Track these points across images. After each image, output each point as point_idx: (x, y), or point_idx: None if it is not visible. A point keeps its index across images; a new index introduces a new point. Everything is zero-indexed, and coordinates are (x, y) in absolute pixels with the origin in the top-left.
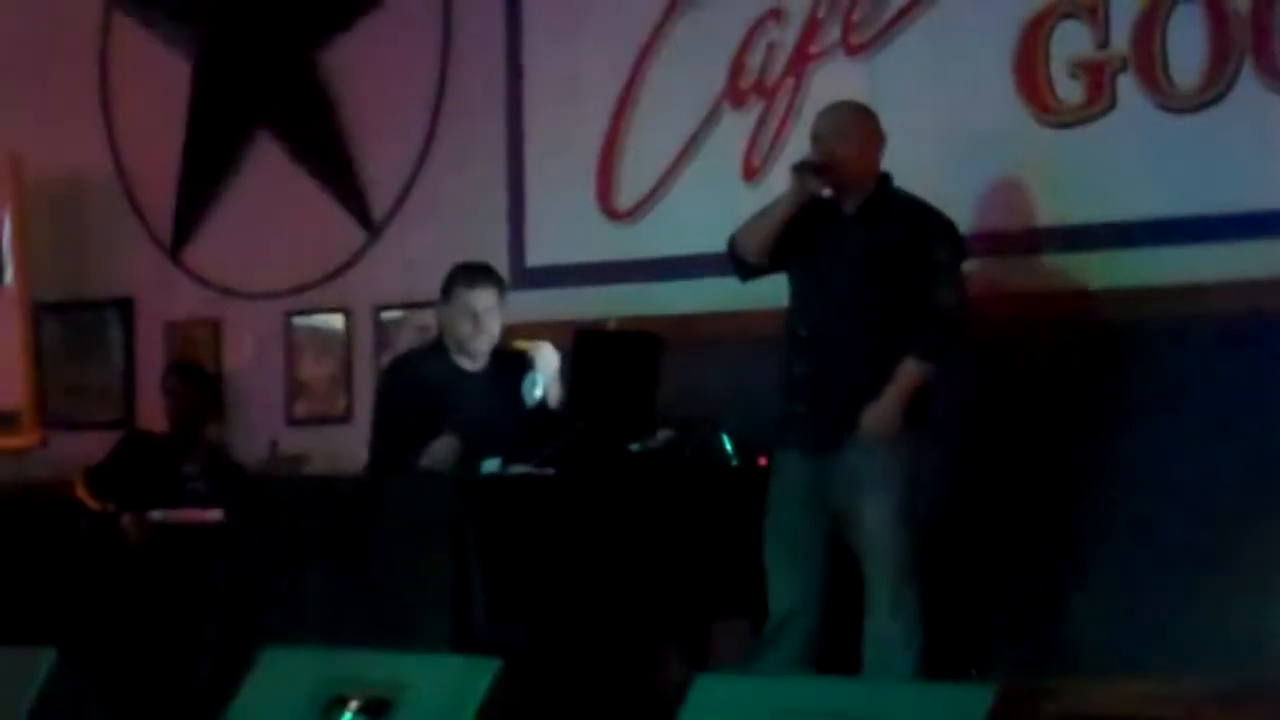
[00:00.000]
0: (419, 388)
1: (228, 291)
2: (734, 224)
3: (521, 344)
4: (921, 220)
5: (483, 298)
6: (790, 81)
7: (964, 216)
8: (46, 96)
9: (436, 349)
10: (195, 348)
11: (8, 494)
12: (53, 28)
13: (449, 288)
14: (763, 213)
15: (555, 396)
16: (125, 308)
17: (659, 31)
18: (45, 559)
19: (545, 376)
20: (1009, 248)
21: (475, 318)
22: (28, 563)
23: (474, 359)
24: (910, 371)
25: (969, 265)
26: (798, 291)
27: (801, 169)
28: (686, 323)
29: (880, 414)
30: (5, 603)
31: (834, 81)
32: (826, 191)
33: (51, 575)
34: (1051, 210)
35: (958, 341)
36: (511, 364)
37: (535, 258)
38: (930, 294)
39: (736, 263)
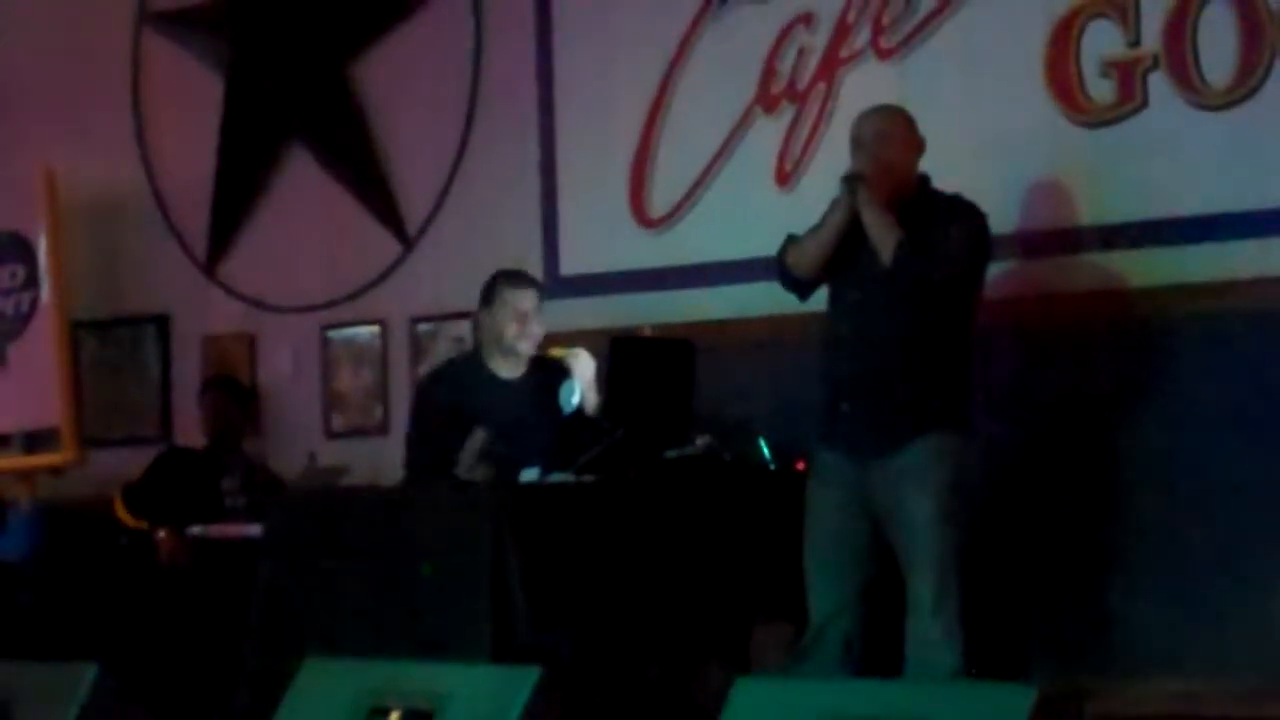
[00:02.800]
0: (455, 400)
1: (263, 306)
2: (767, 229)
3: (558, 351)
4: (950, 207)
5: (527, 298)
6: (821, 86)
7: (997, 218)
8: (80, 114)
9: (473, 360)
10: (232, 362)
11: (48, 511)
12: (85, 45)
13: (491, 291)
14: (815, 229)
15: (592, 403)
16: (161, 324)
17: (690, 38)
18: (86, 576)
19: (582, 383)
20: (1043, 248)
21: (521, 318)
22: (69, 579)
23: (517, 363)
24: (880, 220)
25: (1003, 266)
26: (839, 291)
27: (851, 180)
28: (722, 328)
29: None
30: (47, 619)
31: (865, 85)
32: None
33: (92, 592)
34: (1085, 210)
35: (923, 272)
36: (549, 371)
37: (569, 266)
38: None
39: (791, 281)
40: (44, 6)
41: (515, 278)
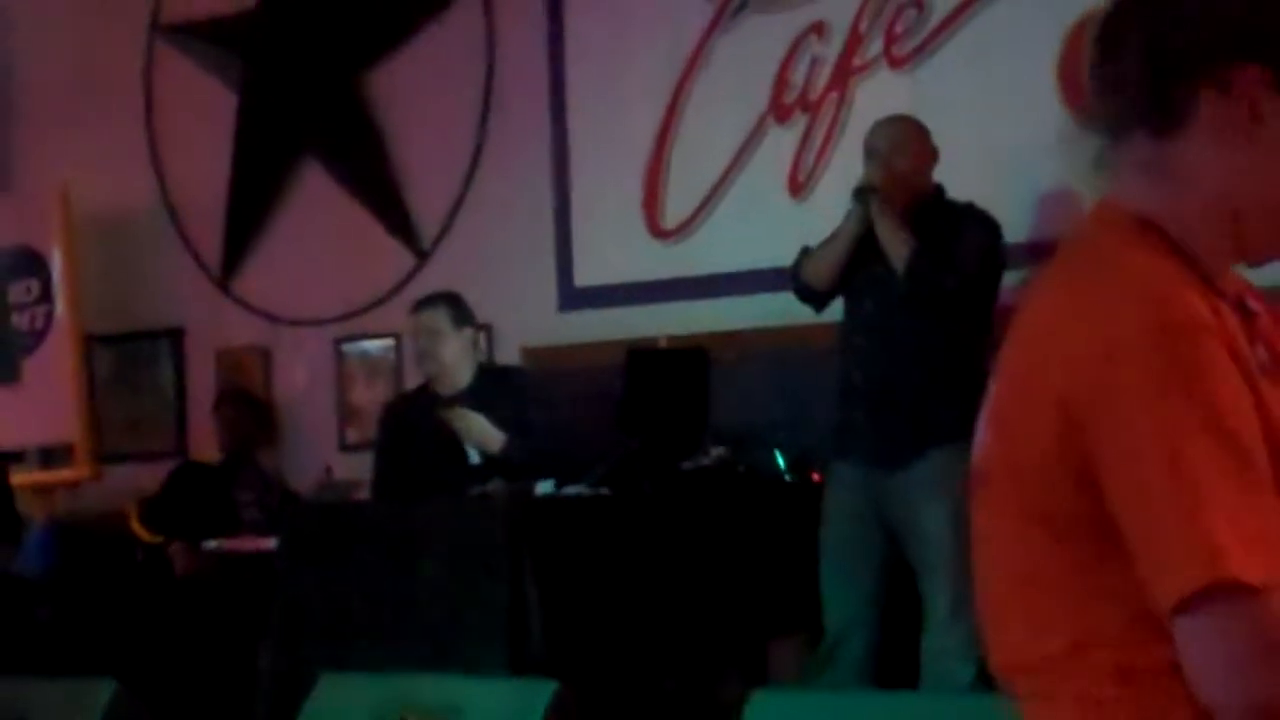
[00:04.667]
0: (404, 429)
1: (277, 319)
2: (781, 239)
3: (445, 414)
4: (965, 216)
5: (421, 319)
6: (834, 95)
7: (1011, 227)
8: (93, 129)
9: (423, 386)
10: (246, 376)
11: (64, 526)
12: (98, 60)
13: None
14: (829, 240)
15: (495, 444)
16: (176, 338)
17: (702, 49)
18: (102, 590)
19: (472, 444)
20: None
21: (417, 337)
22: (85, 594)
23: (452, 380)
24: (894, 231)
25: (1018, 275)
26: (854, 302)
27: (863, 193)
28: (736, 338)
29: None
30: (65, 634)
31: (878, 95)
32: None
33: (109, 606)
34: None
35: (940, 279)
36: (490, 381)
37: (583, 278)
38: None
39: (807, 293)
40: (57, 21)
41: (418, 303)
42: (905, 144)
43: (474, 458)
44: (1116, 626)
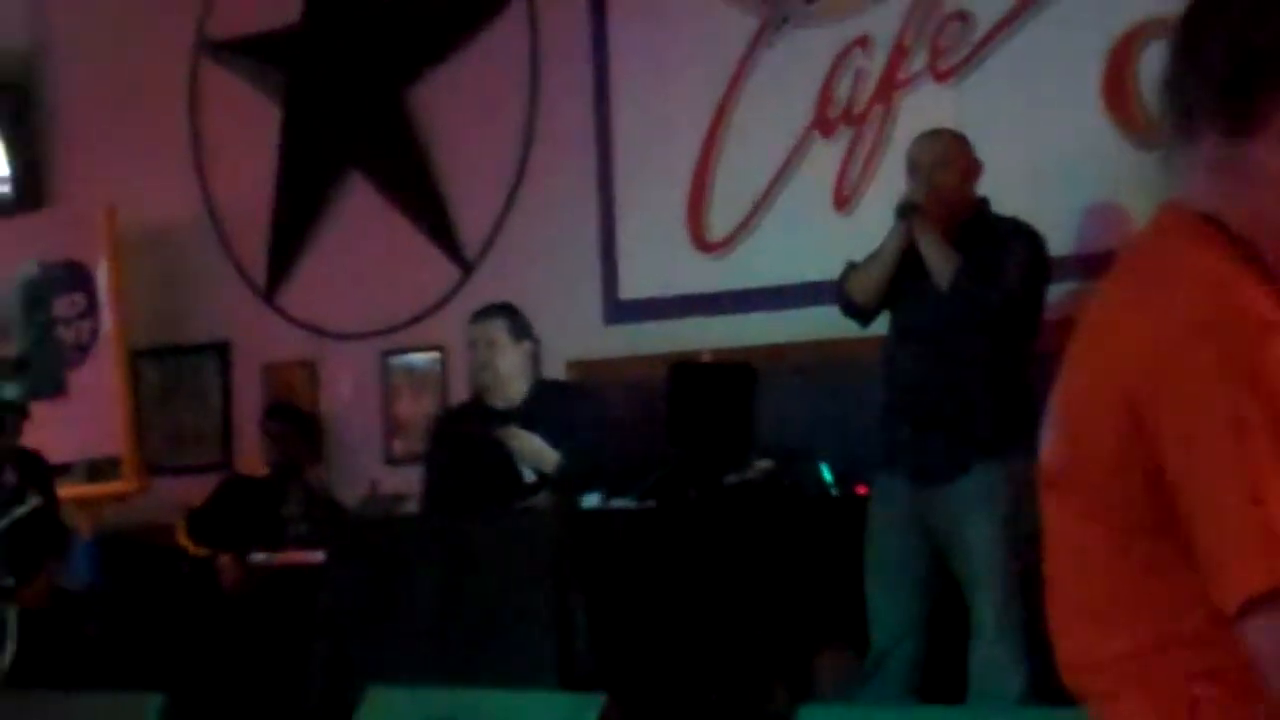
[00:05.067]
0: (455, 442)
1: (323, 332)
2: (826, 253)
3: (500, 433)
4: (1009, 231)
5: (479, 330)
6: (879, 109)
7: (1056, 240)
8: (138, 144)
9: (475, 398)
10: (292, 389)
11: (110, 539)
12: (143, 76)
13: None
14: (873, 256)
15: (550, 463)
16: (222, 351)
17: (746, 63)
18: (149, 604)
19: (527, 464)
20: (1102, 271)
21: (475, 349)
22: (133, 608)
23: (506, 393)
24: (937, 247)
25: (1063, 288)
26: (900, 317)
27: (905, 210)
28: (781, 352)
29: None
30: (113, 648)
31: (922, 108)
32: None
33: (156, 620)
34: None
35: (988, 299)
36: (546, 396)
37: (628, 291)
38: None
39: (852, 308)
40: (103, 37)
41: (476, 314)
42: (948, 159)
43: (529, 476)
44: (1195, 625)
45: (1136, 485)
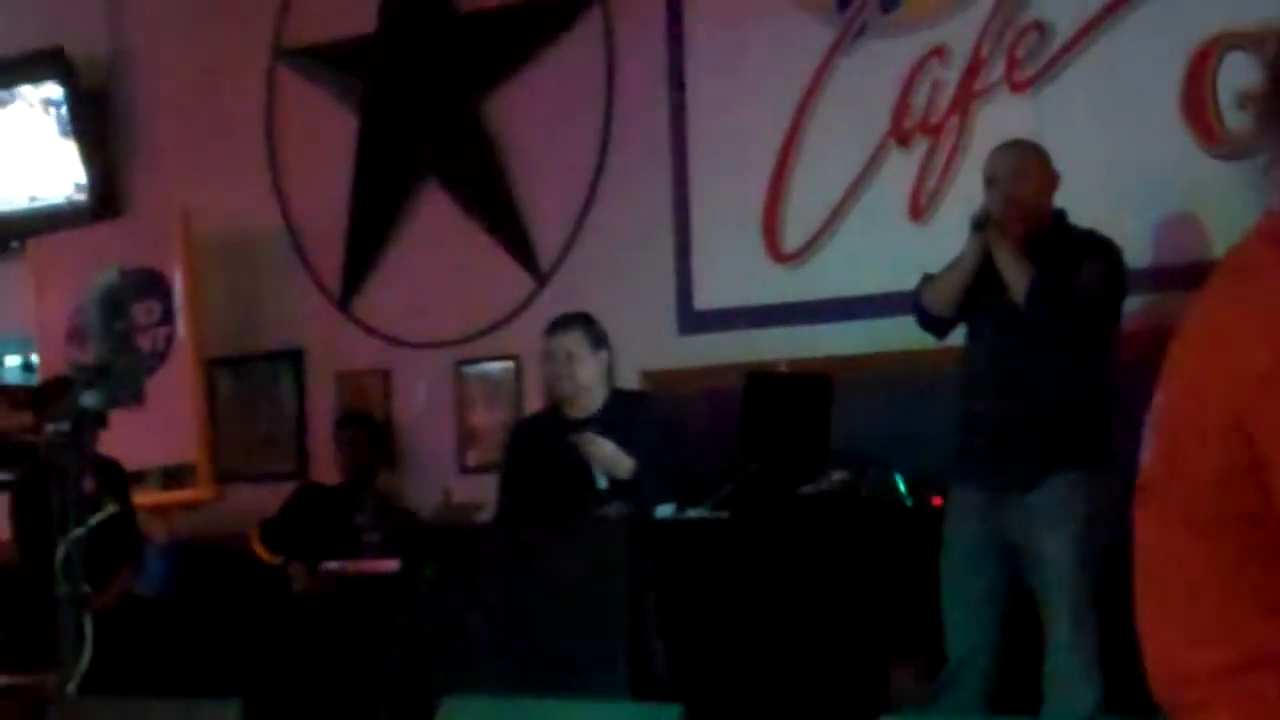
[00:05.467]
0: (531, 452)
1: (397, 341)
2: (902, 263)
3: (576, 439)
4: (1086, 244)
5: (559, 342)
6: (955, 119)
7: (1133, 252)
8: (214, 152)
9: (551, 408)
10: (366, 398)
11: (184, 547)
12: (220, 83)
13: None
14: (949, 268)
15: (625, 470)
16: (296, 359)
17: (823, 72)
18: (223, 611)
19: (602, 470)
20: (1179, 283)
21: (556, 362)
22: (206, 614)
23: (584, 404)
24: (1012, 260)
25: (1140, 300)
26: (975, 329)
27: (980, 223)
28: (856, 363)
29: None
30: (186, 655)
31: (999, 118)
32: None
33: (230, 627)
34: (1222, 244)
35: (1064, 307)
36: (622, 405)
37: (703, 301)
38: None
39: (928, 320)
40: (179, 45)
41: (555, 324)
42: (1024, 171)
43: (602, 483)
44: None
45: (1241, 502)
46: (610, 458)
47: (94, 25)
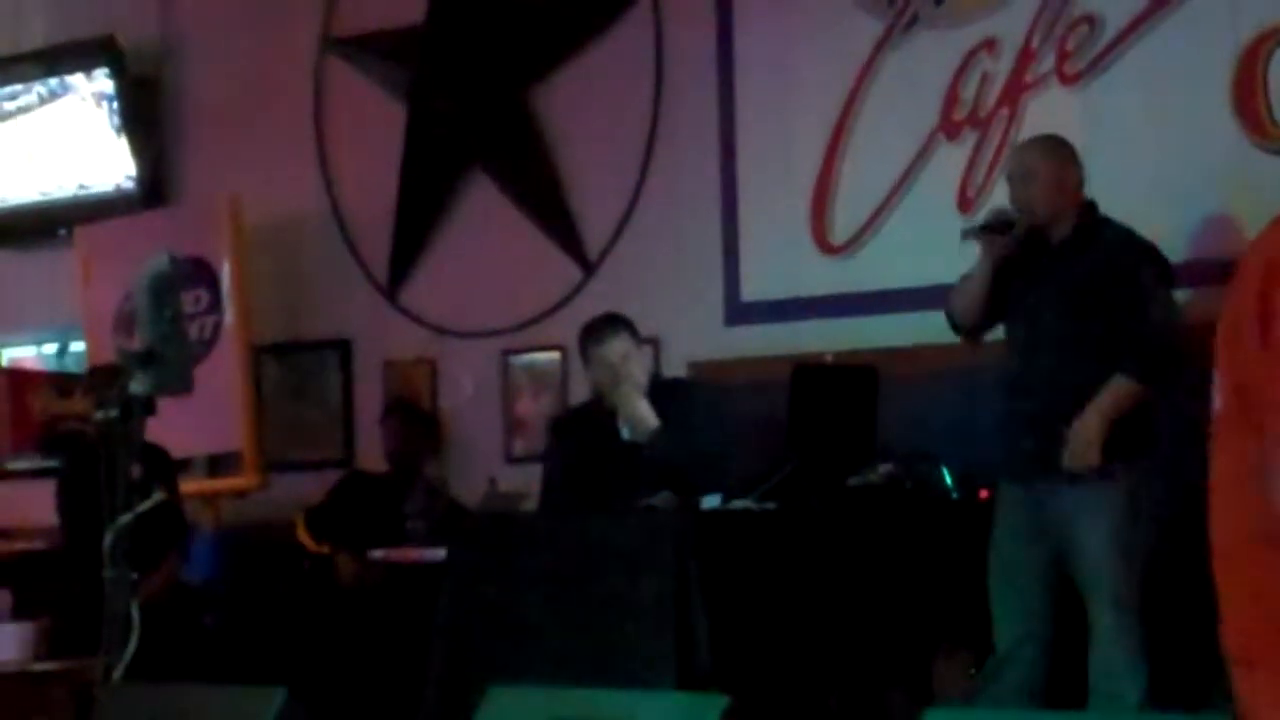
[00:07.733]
0: (575, 443)
1: (444, 331)
2: (950, 255)
3: (607, 389)
4: (1125, 245)
5: (611, 349)
6: (1004, 112)
7: (1182, 245)
8: (263, 141)
9: (595, 399)
10: (413, 387)
11: (230, 534)
12: (269, 72)
13: (583, 352)
14: (966, 278)
15: (648, 429)
16: (343, 348)
17: (871, 64)
18: (269, 599)
19: (626, 421)
20: (1229, 277)
21: (612, 370)
22: (254, 603)
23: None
24: (1116, 388)
25: (1188, 294)
26: (1010, 328)
27: (985, 231)
28: (904, 355)
29: (1082, 431)
30: (232, 642)
31: (1048, 111)
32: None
33: (276, 615)
34: None
35: (1171, 361)
36: (664, 395)
37: (750, 292)
38: (1140, 314)
39: (957, 328)
40: (228, 33)
41: (597, 332)
42: (1034, 169)
43: (625, 434)
44: None
45: None
46: (634, 409)
47: (145, 14)
